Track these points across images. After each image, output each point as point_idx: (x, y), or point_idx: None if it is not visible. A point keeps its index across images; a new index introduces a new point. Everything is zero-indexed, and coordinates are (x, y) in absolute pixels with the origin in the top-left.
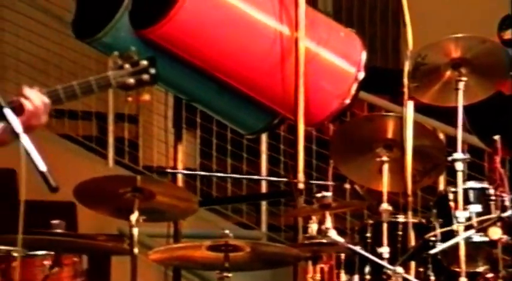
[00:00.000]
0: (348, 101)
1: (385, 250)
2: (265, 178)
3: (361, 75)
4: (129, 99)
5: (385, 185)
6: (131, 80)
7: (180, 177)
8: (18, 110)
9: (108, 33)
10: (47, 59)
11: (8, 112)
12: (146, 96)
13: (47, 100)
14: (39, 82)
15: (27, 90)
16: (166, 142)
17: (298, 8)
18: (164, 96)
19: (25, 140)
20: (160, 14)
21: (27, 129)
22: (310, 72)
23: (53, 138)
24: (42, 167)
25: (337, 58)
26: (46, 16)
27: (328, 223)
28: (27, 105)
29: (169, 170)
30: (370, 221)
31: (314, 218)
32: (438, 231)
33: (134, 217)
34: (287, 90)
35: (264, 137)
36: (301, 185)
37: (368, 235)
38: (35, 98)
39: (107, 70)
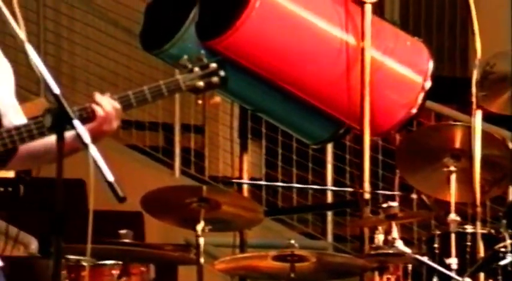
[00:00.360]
0: (414, 111)
1: (453, 261)
2: (331, 187)
3: (428, 84)
4: (199, 102)
5: (452, 195)
6: (201, 83)
7: (245, 187)
8: (90, 116)
9: (175, 44)
10: (116, 71)
11: (77, 123)
12: (217, 99)
13: (118, 106)
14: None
15: (99, 97)
16: (231, 152)
17: (365, 17)
18: (230, 106)
19: (93, 151)
20: (226, 24)
21: (99, 135)
22: (376, 82)
23: (121, 148)
24: (110, 177)
25: (403, 67)
26: (115, 29)
27: (395, 233)
28: (99, 111)
29: (234, 180)
30: (438, 232)
31: (380, 228)
32: (508, 242)
33: (200, 226)
34: (353, 99)
35: (329, 147)
36: (367, 195)
37: (436, 245)
38: (106, 104)
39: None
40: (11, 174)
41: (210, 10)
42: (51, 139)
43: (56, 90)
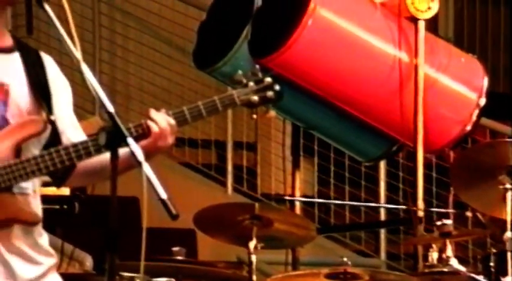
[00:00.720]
0: (469, 128)
1: (509, 280)
2: (384, 205)
3: (483, 101)
4: (254, 116)
5: (509, 213)
6: (255, 98)
7: (298, 204)
8: (145, 132)
9: (228, 62)
10: (169, 89)
11: (131, 141)
12: (271, 113)
13: (173, 121)
14: None
15: (154, 113)
16: (284, 170)
17: (418, 34)
18: (282, 124)
19: (147, 169)
20: (278, 42)
21: (154, 151)
22: (429, 99)
23: (174, 166)
24: (163, 195)
25: (457, 84)
26: (169, 47)
27: (449, 251)
28: (153, 127)
29: (287, 198)
30: (494, 250)
31: (434, 246)
32: None
33: (252, 244)
34: (406, 116)
35: (382, 164)
36: (420, 213)
37: (491, 264)
38: (161, 120)
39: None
40: (66, 192)
41: (262, 28)
42: (107, 156)
43: (110, 108)
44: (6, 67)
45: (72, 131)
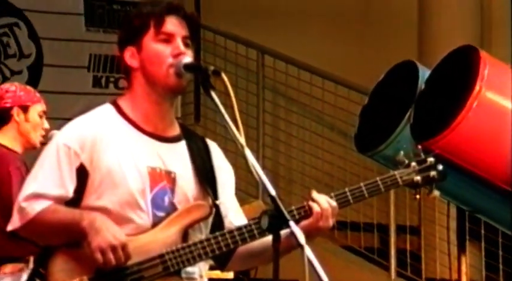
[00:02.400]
0: None
1: None
2: None
3: None
4: (417, 197)
5: None
6: (418, 178)
7: None
8: (307, 214)
9: (390, 145)
10: (331, 173)
11: (293, 225)
12: (435, 193)
13: (334, 203)
14: None
15: (316, 194)
16: (449, 254)
17: None
18: (446, 207)
19: (308, 252)
20: (441, 125)
21: (315, 231)
22: None
23: (336, 250)
24: (325, 278)
25: None
26: (331, 132)
27: None
28: (315, 207)
29: None
30: None
31: None
32: None
33: None
34: None
35: None
36: None
37: None
38: (323, 201)
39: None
40: (230, 275)
41: (425, 110)
42: (268, 239)
43: (273, 192)
44: (173, 156)
45: (234, 215)
